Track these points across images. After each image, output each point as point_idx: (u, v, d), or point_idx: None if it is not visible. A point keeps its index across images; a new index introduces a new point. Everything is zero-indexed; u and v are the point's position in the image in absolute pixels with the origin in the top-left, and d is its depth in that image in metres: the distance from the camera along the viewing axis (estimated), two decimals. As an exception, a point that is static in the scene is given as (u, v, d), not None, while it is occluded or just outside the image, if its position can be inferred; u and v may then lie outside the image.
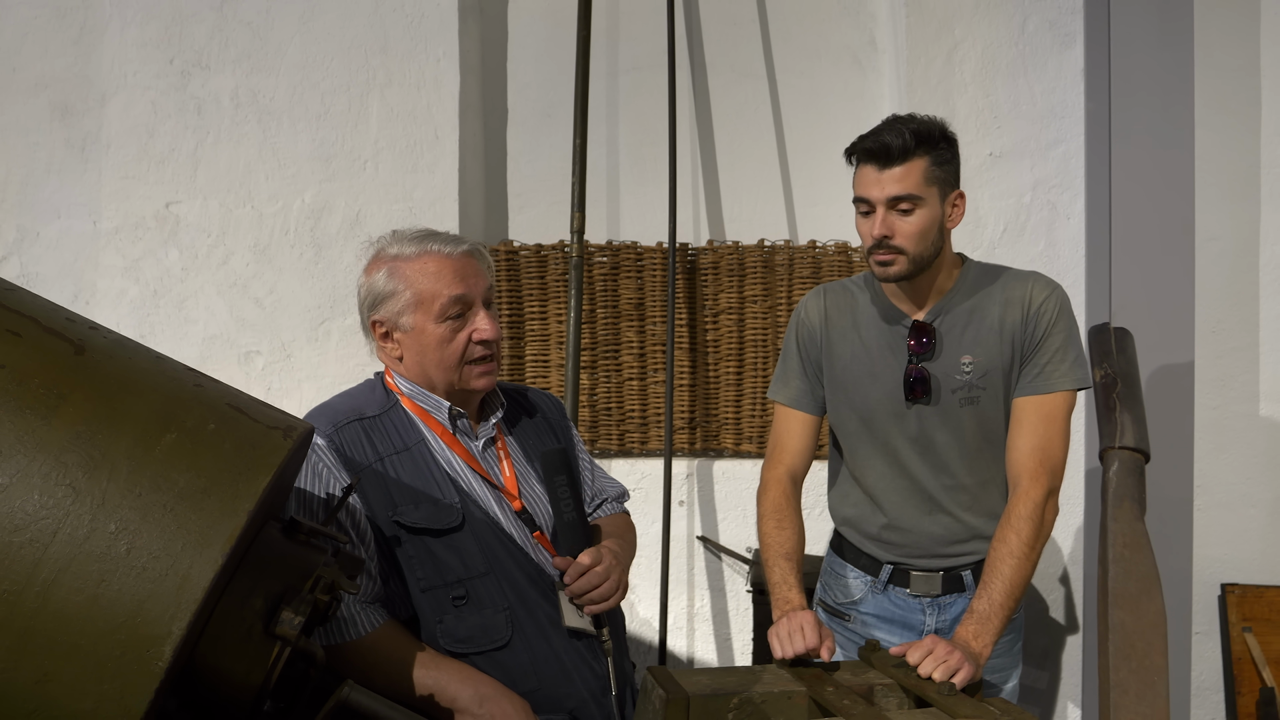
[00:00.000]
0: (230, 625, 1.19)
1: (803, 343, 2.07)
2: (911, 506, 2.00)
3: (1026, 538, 1.82)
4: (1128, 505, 2.13)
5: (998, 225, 3.08)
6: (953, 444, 1.96)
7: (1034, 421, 1.90)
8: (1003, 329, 1.93)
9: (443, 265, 1.68)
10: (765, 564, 1.94)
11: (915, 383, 1.93)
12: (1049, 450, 1.89)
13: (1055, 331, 1.91)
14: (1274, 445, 3.14)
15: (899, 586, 2.04)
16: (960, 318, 1.95)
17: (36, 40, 3.21)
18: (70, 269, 3.22)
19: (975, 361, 1.93)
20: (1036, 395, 1.91)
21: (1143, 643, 1.92)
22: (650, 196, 3.35)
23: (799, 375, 2.07)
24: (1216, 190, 3.10)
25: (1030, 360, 1.92)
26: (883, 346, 1.98)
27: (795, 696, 1.55)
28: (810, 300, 2.08)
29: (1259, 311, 3.16)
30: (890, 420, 1.97)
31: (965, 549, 2.01)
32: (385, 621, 1.59)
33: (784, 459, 2.05)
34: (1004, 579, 1.79)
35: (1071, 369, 1.92)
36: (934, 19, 3.08)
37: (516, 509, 1.71)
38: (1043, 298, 1.92)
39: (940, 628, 2.02)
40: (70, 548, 1.07)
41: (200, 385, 1.25)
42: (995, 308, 1.94)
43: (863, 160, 1.89)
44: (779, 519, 1.97)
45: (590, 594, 1.65)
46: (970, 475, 1.98)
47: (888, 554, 2.05)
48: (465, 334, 1.69)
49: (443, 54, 3.13)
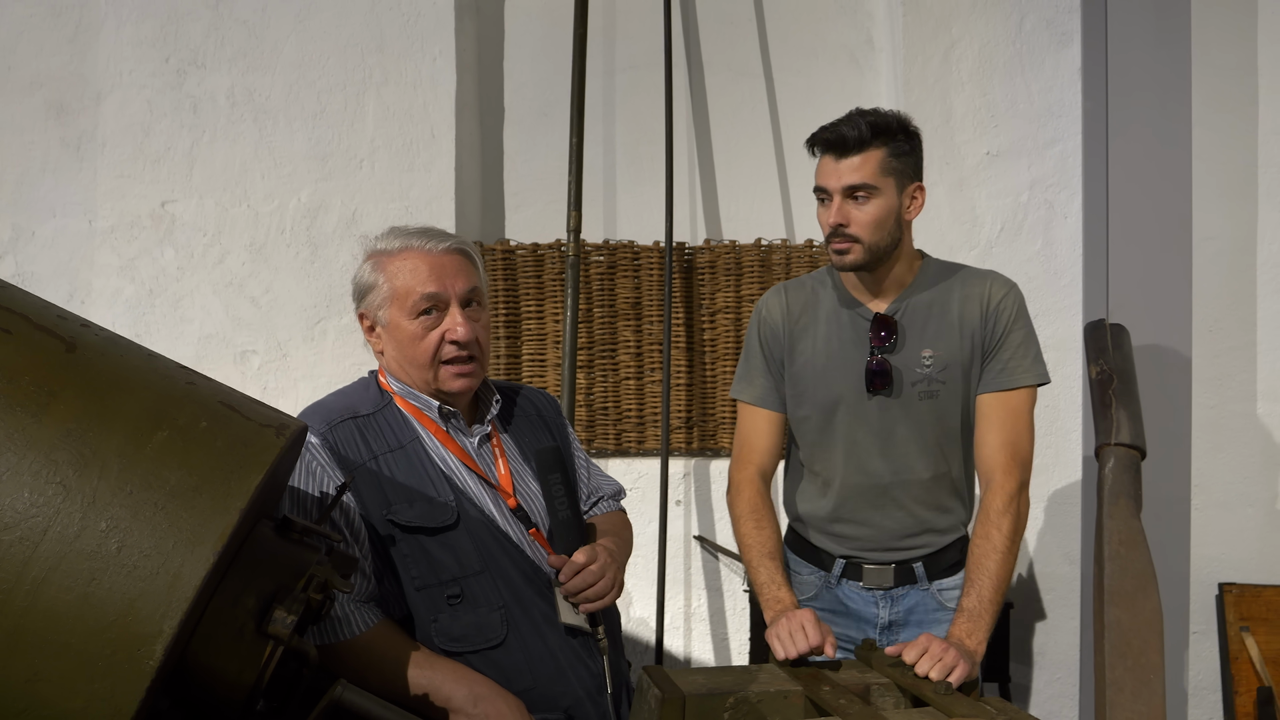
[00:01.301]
0: (222, 624, 1.18)
1: (765, 340, 2.08)
2: (866, 501, 2.03)
3: (1007, 532, 1.86)
4: (1123, 502, 2.12)
5: (995, 224, 3.07)
6: (911, 437, 1.99)
7: (1001, 417, 1.95)
8: (962, 325, 1.97)
9: (420, 262, 1.68)
10: (749, 565, 1.95)
11: (877, 374, 1.96)
12: (1018, 445, 1.94)
13: (1015, 329, 1.96)
14: (1271, 444, 3.14)
15: (852, 580, 2.07)
16: (920, 312, 1.99)
17: (31, 38, 3.21)
18: (65, 268, 3.21)
19: (935, 355, 1.97)
20: (1001, 391, 1.96)
21: (1139, 640, 1.91)
22: (647, 195, 3.35)
23: (763, 373, 2.08)
24: (1214, 189, 3.10)
25: (992, 357, 1.97)
26: (844, 339, 2.00)
27: (791, 696, 1.54)
28: (770, 298, 2.10)
29: (1256, 310, 3.16)
30: (851, 413, 1.99)
31: (917, 542, 2.04)
32: (379, 620, 1.59)
33: (753, 458, 2.06)
34: (990, 574, 1.82)
35: (1033, 365, 1.97)
36: (931, 18, 3.08)
37: (511, 506, 1.70)
38: (1001, 295, 1.97)
39: (894, 620, 2.05)
40: (60, 546, 1.06)
41: (192, 383, 1.25)
42: (954, 304, 1.98)
43: (822, 151, 1.94)
44: (757, 519, 1.98)
45: (585, 592, 1.65)
46: (926, 469, 2.01)
47: (840, 548, 2.07)
48: (438, 333, 1.68)
49: (439, 53, 3.12)
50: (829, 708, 1.48)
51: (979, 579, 1.82)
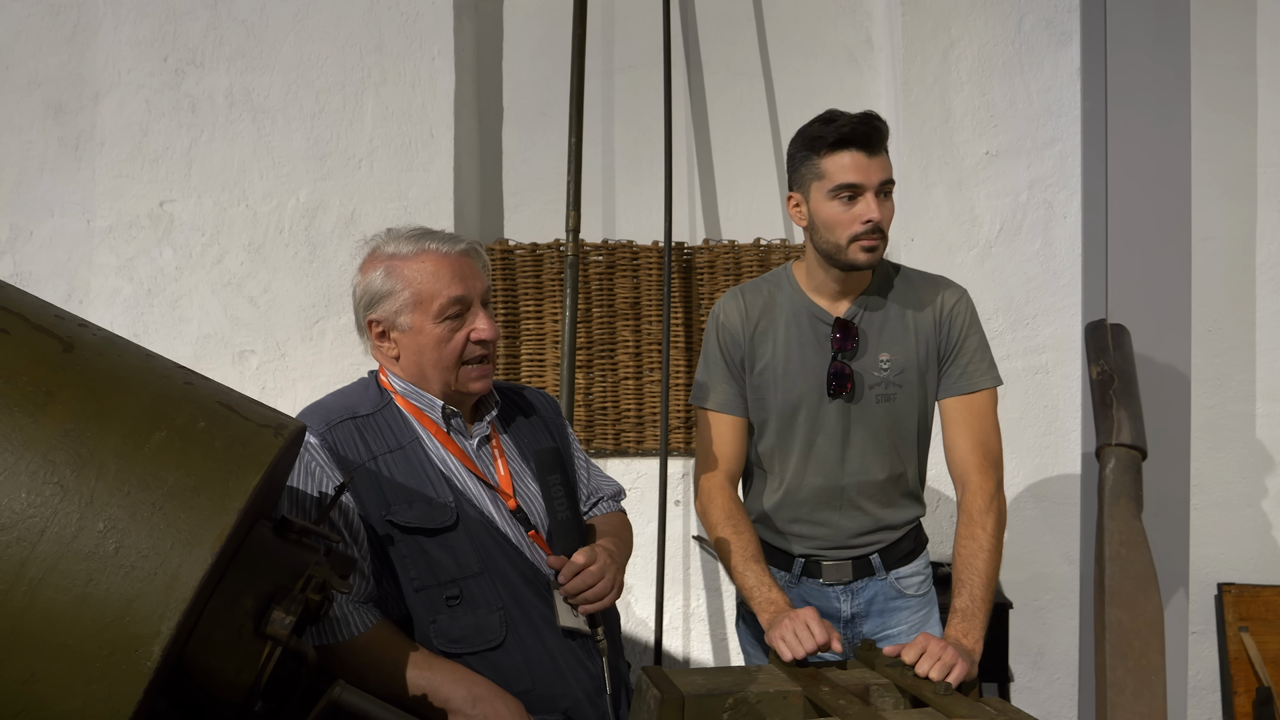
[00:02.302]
0: (220, 625, 1.18)
1: (725, 345, 2.06)
2: (824, 502, 2.04)
3: (991, 530, 1.88)
4: (1124, 503, 2.12)
5: (994, 224, 3.07)
6: (869, 440, 2.00)
7: (968, 419, 1.98)
8: (917, 330, 1.99)
9: (441, 265, 1.67)
10: (734, 571, 1.94)
11: (837, 379, 1.96)
12: (989, 445, 1.97)
13: (971, 334, 2.00)
14: (1270, 444, 3.14)
15: (811, 577, 2.08)
16: (877, 315, 2.00)
17: (30, 38, 3.20)
18: (64, 268, 3.21)
19: (893, 359, 1.98)
20: (965, 395, 1.99)
21: (1139, 641, 1.91)
22: (646, 195, 3.34)
23: (725, 379, 2.06)
24: (1213, 189, 3.10)
25: (950, 362, 2.00)
26: (804, 344, 2.00)
27: (791, 696, 1.54)
28: (727, 302, 2.07)
29: (1255, 310, 3.16)
30: (811, 416, 2.00)
31: (873, 539, 2.07)
32: (378, 621, 1.58)
33: (721, 464, 2.05)
34: (979, 573, 1.84)
35: (990, 368, 2.01)
36: (930, 18, 3.08)
37: (511, 508, 1.70)
38: (953, 302, 2.00)
39: (856, 612, 2.07)
40: (58, 546, 1.06)
41: (190, 383, 1.24)
42: (909, 309, 2.00)
43: (842, 147, 1.87)
44: (734, 525, 1.97)
45: (584, 593, 1.64)
46: (882, 471, 2.02)
47: (799, 547, 2.08)
48: (463, 334, 1.68)
49: (438, 52, 3.12)
50: (828, 708, 1.48)
51: (969, 579, 1.84)
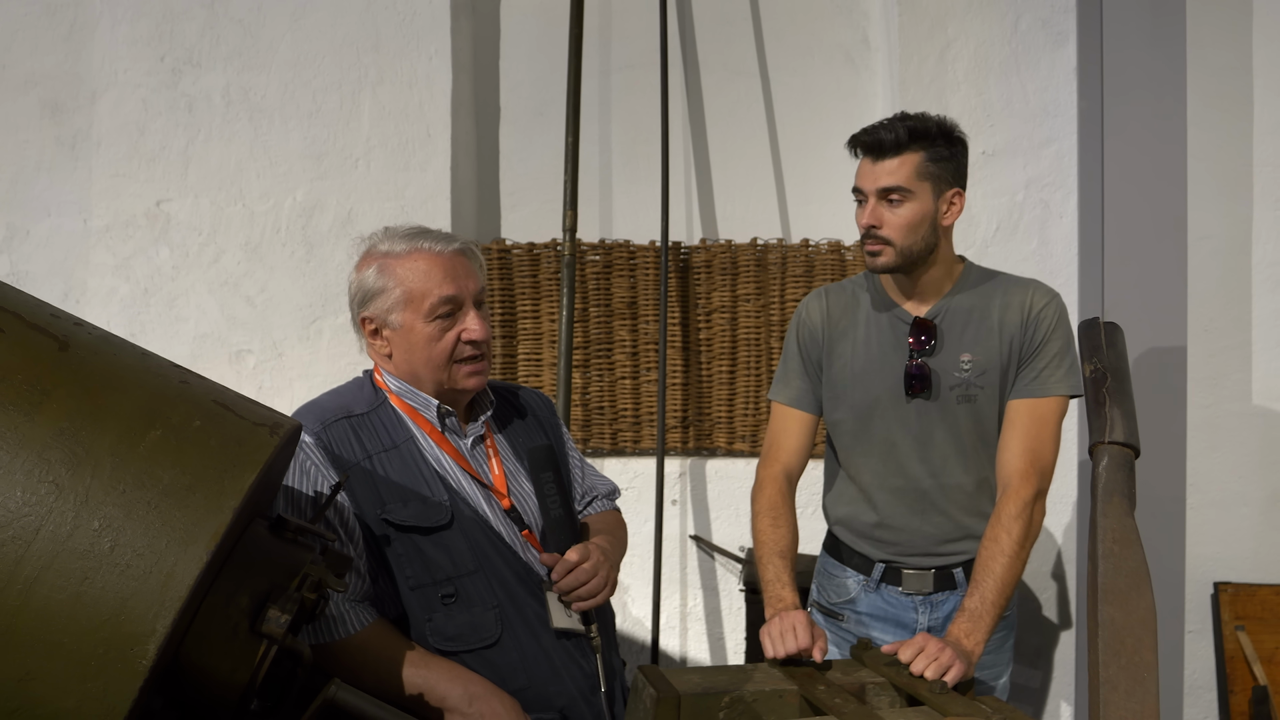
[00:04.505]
0: (216, 623, 1.18)
1: (804, 343, 2.08)
2: (905, 505, 2.02)
3: (1017, 536, 1.84)
4: (1117, 500, 2.12)
5: (991, 223, 3.08)
6: (949, 441, 1.98)
7: (1027, 424, 1.94)
8: (1002, 331, 1.96)
9: (433, 264, 1.67)
10: (759, 561, 1.95)
11: (915, 378, 1.95)
12: (1040, 452, 1.92)
13: (1054, 338, 1.95)
14: (1266, 443, 3.14)
15: (891, 585, 2.05)
16: (960, 316, 1.98)
17: (27, 37, 3.20)
18: (60, 267, 3.21)
19: (974, 360, 1.96)
20: (1031, 398, 1.94)
21: (1132, 639, 1.91)
22: (643, 195, 3.35)
23: (800, 375, 2.08)
24: (1209, 188, 3.10)
25: (1027, 364, 1.96)
26: (884, 343, 2.00)
27: (787, 695, 1.54)
28: (811, 301, 2.11)
29: (1251, 310, 3.16)
30: (889, 416, 1.99)
31: (957, 548, 2.02)
32: (374, 620, 1.58)
33: (780, 457, 2.06)
34: (995, 577, 1.82)
35: (1066, 375, 1.96)
36: (927, 17, 3.08)
37: (505, 507, 1.70)
38: (1043, 304, 1.97)
39: (933, 625, 2.03)
40: (53, 545, 1.06)
41: (186, 382, 1.24)
42: (995, 310, 1.98)
43: (861, 153, 1.96)
44: (774, 517, 1.98)
45: (577, 590, 1.65)
46: (965, 474, 2.00)
47: (880, 552, 2.06)
48: (454, 333, 1.68)
49: (435, 52, 3.12)
50: (824, 707, 1.48)
51: (984, 580, 1.82)
